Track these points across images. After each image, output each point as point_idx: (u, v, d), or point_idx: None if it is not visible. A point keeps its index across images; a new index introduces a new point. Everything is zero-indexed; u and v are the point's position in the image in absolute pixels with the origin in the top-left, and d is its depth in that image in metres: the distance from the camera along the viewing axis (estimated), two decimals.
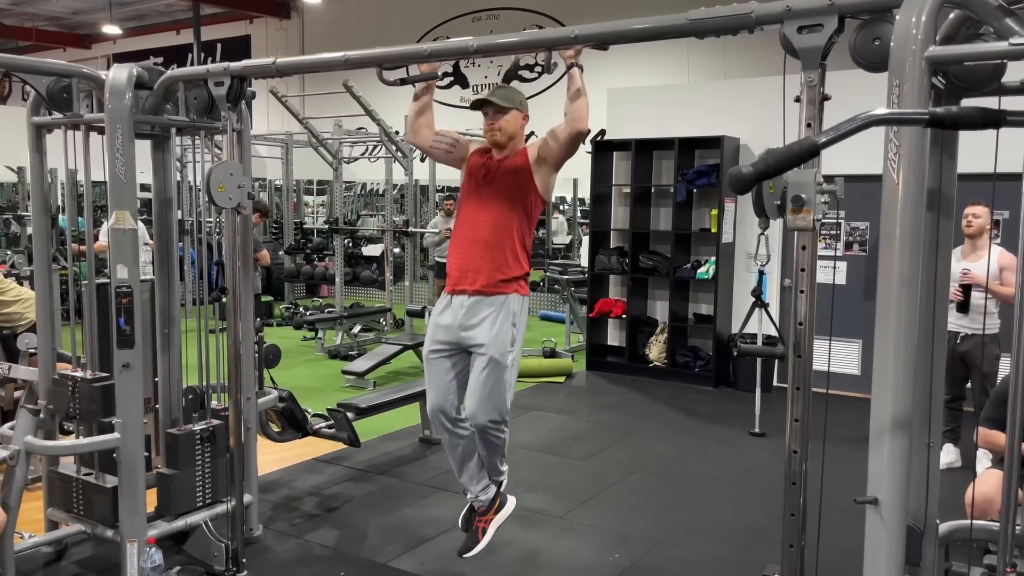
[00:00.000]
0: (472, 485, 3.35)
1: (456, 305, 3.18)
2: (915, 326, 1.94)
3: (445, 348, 3.22)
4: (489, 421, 3.15)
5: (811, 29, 2.17)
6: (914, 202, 1.90)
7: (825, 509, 2.43)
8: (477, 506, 3.37)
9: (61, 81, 3.48)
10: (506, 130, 3.20)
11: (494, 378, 3.11)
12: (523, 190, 3.17)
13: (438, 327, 3.23)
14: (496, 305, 3.12)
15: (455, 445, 3.29)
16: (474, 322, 3.13)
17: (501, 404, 3.16)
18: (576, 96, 2.99)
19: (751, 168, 1.65)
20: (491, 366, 3.10)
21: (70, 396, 3.51)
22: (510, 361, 3.15)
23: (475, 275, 3.13)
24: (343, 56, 3.04)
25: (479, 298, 3.13)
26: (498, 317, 3.12)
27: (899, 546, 1.96)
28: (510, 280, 3.14)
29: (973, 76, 2.23)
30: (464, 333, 3.15)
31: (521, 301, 3.20)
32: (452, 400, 3.25)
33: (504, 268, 3.13)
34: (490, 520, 3.37)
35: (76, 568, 3.67)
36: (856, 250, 6.94)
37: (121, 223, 3.28)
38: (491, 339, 3.10)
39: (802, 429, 2.34)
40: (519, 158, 3.19)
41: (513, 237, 3.15)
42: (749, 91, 7.21)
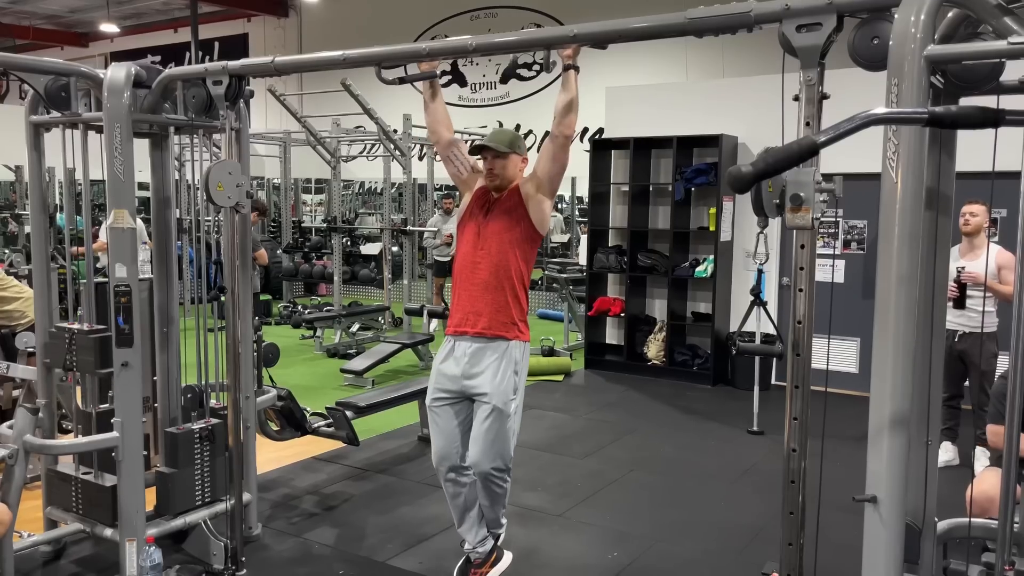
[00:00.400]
0: (470, 536, 3.39)
1: (459, 353, 3.24)
2: (914, 325, 1.94)
3: (449, 396, 3.28)
4: (492, 469, 3.21)
5: (810, 28, 2.18)
6: (913, 201, 1.90)
7: (824, 507, 2.44)
8: (474, 558, 3.42)
9: (59, 80, 3.48)
10: (505, 176, 3.26)
11: (497, 427, 3.18)
12: (519, 228, 3.22)
13: (441, 375, 3.29)
14: (499, 353, 3.19)
15: (458, 494, 3.35)
16: (477, 371, 3.19)
17: (505, 452, 3.22)
18: (568, 107, 3.05)
19: (750, 167, 1.65)
20: (494, 415, 3.17)
21: (67, 348, 3.49)
22: (513, 409, 3.21)
23: (476, 317, 3.20)
24: (342, 55, 3.04)
25: (482, 344, 3.20)
26: (500, 365, 3.18)
27: (898, 544, 1.96)
28: (511, 323, 3.21)
29: (971, 75, 2.23)
30: (467, 382, 3.22)
31: (522, 348, 3.27)
32: (457, 447, 3.30)
33: (505, 310, 3.20)
34: (486, 573, 3.43)
35: (75, 567, 3.67)
36: (854, 248, 6.95)
37: (120, 222, 3.28)
38: (494, 388, 3.17)
39: (801, 427, 2.35)
40: (512, 196, 3.25)
41: (512, 278, 3.21)
42: (747, 90, 7.22)
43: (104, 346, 3.39)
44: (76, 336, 3.47)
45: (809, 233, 2.27)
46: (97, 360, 3.41)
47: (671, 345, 7.61)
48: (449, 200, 10.27)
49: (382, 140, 9.37)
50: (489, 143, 3.24)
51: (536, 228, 3.24)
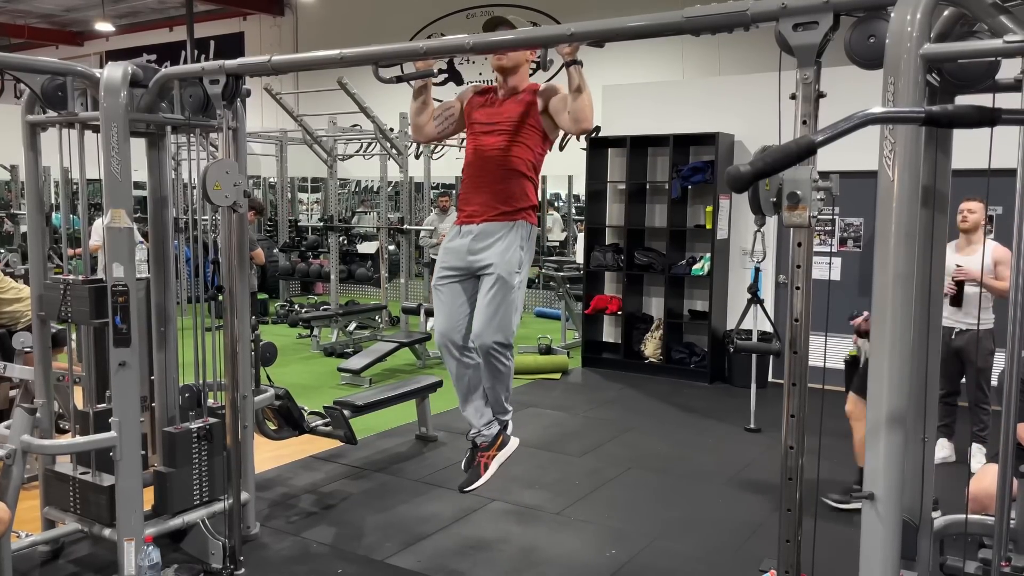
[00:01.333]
0: (476, 419, 3.31)
1: (465, 231, 3.19)
2: (910, 322, 1.95)
3: (454, 273, 3.23)
4: (494, 342, 3.12)
5: (806, 27, 2.18)
6: (909, 199, 1.90)
7: (821, 504, 2.44)
8: (480, 441, 3.32)
9: (55, 79, 3.47)
10: (513, 57, 3.18)
11: (501, 296, 3.11)
12: (529, 125, 3.15)
13: (447, 252, 3.24)
14: (505, 228, 3.14)
15: (462, 375, 3.27)
16: (483, 245, 3.14)
17: (506, 325, 3.14)
18: (577, 95, 2.98)
19: (749, 167, 1.65)
20: (498, 284, 3.11)
21: (61, 300, 3.48)
22: (517, 282, 3.15)
23: (484, 208, 3.16)
24: (339, 54, 3.03)
25: (488, 224, 3.15)
26: (506, 239, 3.13)
27: (895, 541, 1.97)
28: (519, 210, 3.16)
29: (967, 73, 2.23)
30: (472, 257, 3.16)
31: (529, 228, 3.21)
32: (461, 327, 3.23)
33: (512, 200, 3.15)
34: (492, 456, 3.32)
35: (73, 567, 3.67)
36: (851, 246, 6.96)
37: (117, 221, 3.28)
38: (499, 259, 3.11)
39: (798, 425, 2.36)
40: (526, 95, 3.17)
41: (520, 170, 3.15)
42: (744, 88, 7.23)
43: (99, 295, 3.34)
44: (71, 287, 3.44)
45: (806, 231, 2.27)
46: (92, 310, 3.38)
47: (668, 343, 7.62)
48: (446, 198, 10.26)
49: (378, 139, 9.37)
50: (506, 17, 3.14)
51: (546, 130, 3.19)
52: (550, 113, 3.15)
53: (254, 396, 3.97)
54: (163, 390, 3.82)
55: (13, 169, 11.31)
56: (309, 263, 11.40)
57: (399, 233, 9.68)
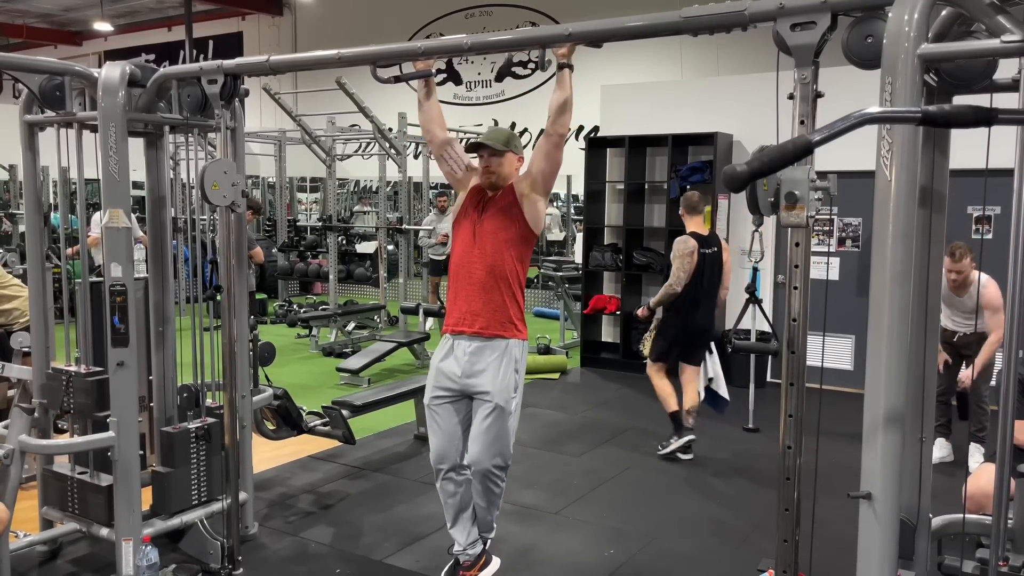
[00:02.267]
0: (462, 537, 3.40)
1: (459, 352, 3.24)
2: (908, 322, 1.95)
3: (449, 395, 3.28)
4: (493, 466, 3.23)
5: (804, 27, 2.18)
6: (907, 199, 1.91)
7: (819, 504, 2.45)
8: (463, 560, 3.41)
9: (54, 79, 3.47)
10: (501, 174, 3.27)
11: (499, 425, 3.19)
12: (514, 227, 3.23)
13: (441, 374, 3.29)
14: (499, 351, 3.20)
15: (455, 494, 3.35)
16: (478, 369, 3.20)
17: (505, 449, 3.24)
18: (562, 106, 3.05)
19: (746, 167, 1.66)
20: (496, 413, 3.18)
21: (64, 391, 3.50)
22: (514, 407, 3.23)
23: (474, 317, 3.21)
24: (337, 54, 3.04)
25: (481, 343, 3.21)
26: (501, 364, 3.19)
27: (892, 540, 1.97)
28: (508, 322, 3.22)
29: (965, 73, 2.24)
30: (468, 380, 3.23)
31: (521, 347, 3.28)
32: (457, 446, 3.31)
33: (502, 309, 3.21)
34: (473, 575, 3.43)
35: (71, 567, 3.67)
36: (849, 246, 6.97)
37: (115, 221, 3.28)
38: (496, 386, 3.18)
39: (796, 425, 2.36)
40: (507, 195, 3.26)
41: (508, 277, 3.22)
42: (742, 88, 7.23)
43: (102, 389, 3.39)
44: (73, 379, 3.47)
45: (804, 231, 2.28)
46: (95, 404, 3.42)
47: None
48: (444, 198, 10.27)
49: (377, 139, 9.37)
50: (486, 141, 3.26)
51: (531, 227, 3.26)
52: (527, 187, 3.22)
53: (252, 396, 3.98)
54: (161, 390, 3.82)
55: (11, 169, 11.30)
56: (308, 263, 11.40)
57: (398, 233, 9.68)
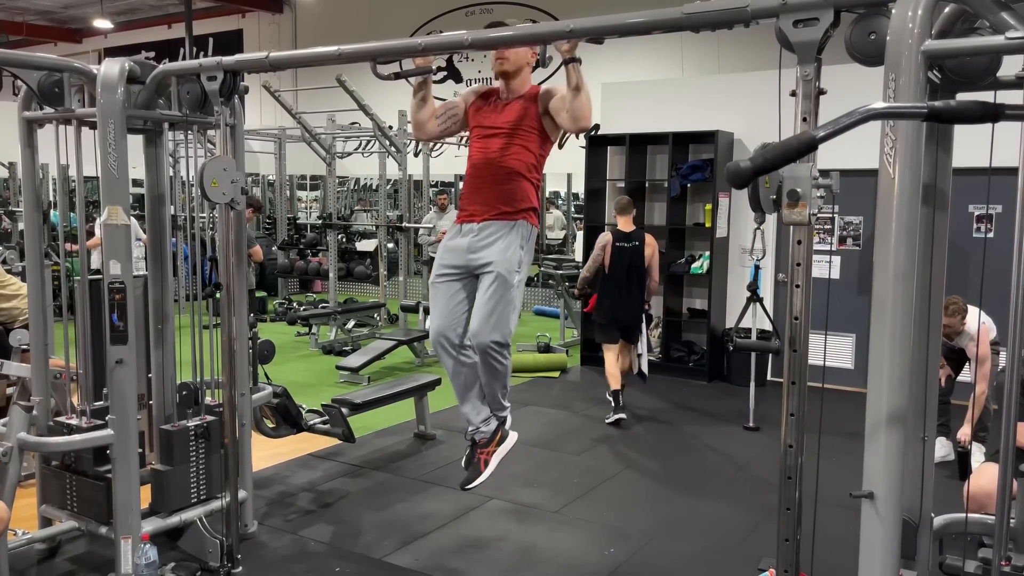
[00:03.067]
0: (474, 416, 3.30)
1: (466, 230, 3.18)
2: (910, 321, 1.94)
3: (453, 272, 3.20)
4: (491, 341, 3.10)
5: (807, 23, 2.17)
6: (910, 197, 1.89)
7: (820, 503, 2.44)
8: (479, 438, 3.31)
9: (52, 76, 3.45)
10: (514, 60, 3.16)
11: (499, 295, 3.09)
12: (530, 127, 3.15)
13: (447, 250, 3.22)
14: (506, 228, 3.13)
15: (458, 373, 3.25)
16: (484, 243, 3.13)
17: (504, 324, 3.12)
18: (576, 94, 2.98)
19: (749, 163, 1.64)
20: (497, 282, 3.09)
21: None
22: (516, 281, 3.13)
23: (485, 207, 3.14)
24: (337, 50, 3.02)
25: (490, 222, 3.14)
26: (507, 237, 3.12)
27: (895, 540, 1.96)
28: (520, 211, 3.15)
29: (968, 70, 2.22)
30: (472, 255, 3.14)
31: (530, 229, 3.19)
32: (457, 325, 3.21)
33: (513, 201, 3.13)
34: (492, 452, 3.30)
35: (70, 565, 3.66)
36: (850, 244, 6.96)
37: (114, 218, 3.26)
38: (499, 256, 3.10)
39: (798, 423, 2.35)
40: (528, 98, 3.16)
41: (521, 172, 3.14)
42: (743, 85, 7.21)
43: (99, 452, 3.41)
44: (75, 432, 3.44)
45: (806, 229, 2.26)
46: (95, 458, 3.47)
47: (667, 341, 7.61)
48: (444, 196, 10.25)
49: (377, 136, 9.34)
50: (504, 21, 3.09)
51: (548, 135, 3.18)
52: (550, 113, 3.14)
53: (252, 394, 3.97)
54: (160, 388, 3.81)
55: (11, 166, 11.28)
56: (308, 261, 11.37)
57: (398, 231, 9.66)
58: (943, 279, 2.41)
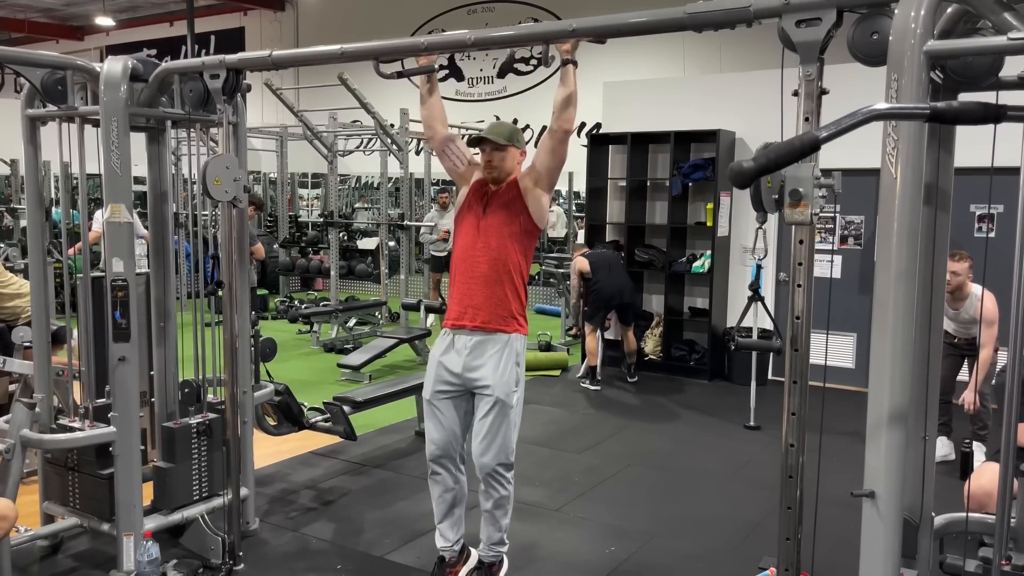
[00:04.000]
0: (451, 534, 3.40)
1: (460, 346, 3.22)
2: (912, 320, 1.95)
3: (450, 389, 3.26)
4: (497, 464, 3.21)
5: (809, 23, 2.17)
6: (912, 197, 1.90)
7: (821, 502, 2.44)
8: (448, 556, 3.41)
9: (56, 73, 3.46)
10: (503, 168, 3.25)
11: (501, 419, 3.17)
12: (518, 222, 3.21)
13: (442, 368, 3.26)
14: (500, 344, 3.18)
15: (450, 489, 3.34)
16: (479, 363, 3.18)
17: (507, 446, 3.22)
18: (567, 101, 3.04)
19: (752, 163, 1.64)
20: (498, 407, 3.16)
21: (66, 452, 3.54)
22: (515, 401, 3.20)
23: (475, 311, 3.19)
24: (339, 49, 3.03)
25: (482, 336, 3.18)
26: (502, 357, 3.17)
27: (895, 539, 1.97)
28: (510, 317, 3.20)
29: (971, 70, 2.22)
30: (469, 374, 3.20)
31: (523, 341, 3.27)
32: (457, 442, 3.30)
33: (504, 304, 3.18)
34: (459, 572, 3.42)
35: (72, 561, 3.67)
36: (851, 244, 6.96)
37: (116, 216, 3.27)
38: (496, 380, 3.15)
39: (799, 422, 2.35)
40: (511, 189, 3.23)
41: (511, 272, 3.20)
42: (745, 85, 7.21)
43: (102, 451, 3.40)
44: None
45: (807, 228, 2.27)
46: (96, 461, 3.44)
47: (668, 340, 7.61)
48: (445, 195, 10.26)
49: (379, 135, 9.35)
50: (488, 135, 3.24)
51: (535, 222, 3.24)
52: (531, 182, 3.21)
53: (254, 392, 3.97)
54: (163, 385, 3.82)
55: (13, 163, 11.29)
56: (309, 259, 11.39)
57: (399, 229, 9.67)
58: (944, 279, 2.41)
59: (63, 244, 5.65)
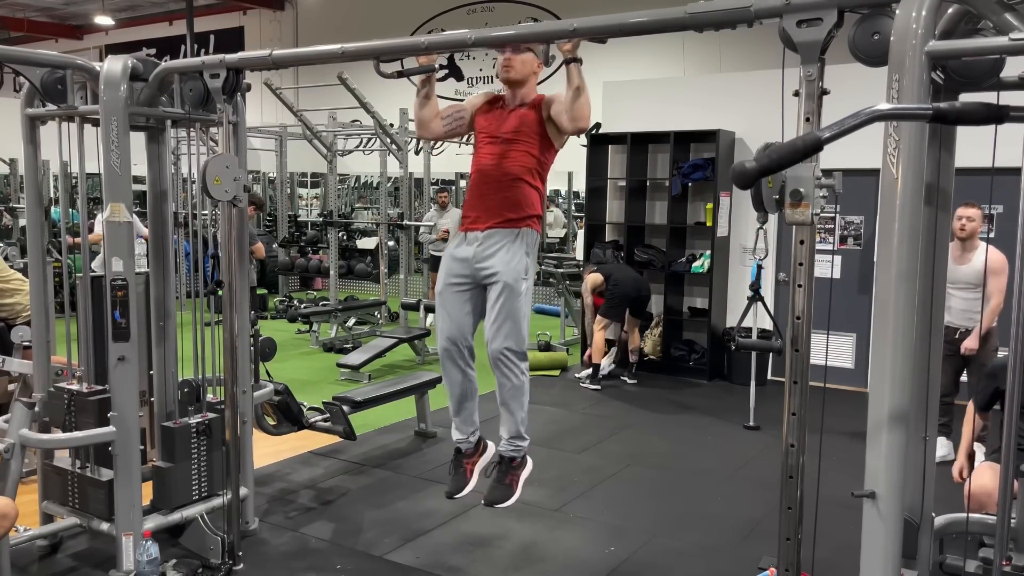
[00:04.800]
0: (465, 428, 3.33)
1: (471, 239, 3.17)
2: (913, 321, 1.95)
3: (460, 282, 3.20)
4: (505, 348, 3.12)
5: (810, 23, 2.17)
6: (913, 197, 1.90)
7: (821, 502, 2.44)
8: (464, 448, 3.35)
9: (55, 72, 3.46)
10: (520, 69, 3.16)
11: (509, 304, 3.10)
12: (536, 134, 3.14)
13: (453, 260, 3.21)
14: (511, 236, 3.12)
15: (460, 383, 3.27)
16: (489, 252, 3.12)
17: (517, 332, 3.13)
18: (576, 95, 2.99)
19: (754, 163, 1.64)
20: (506, 291, 3.09)
21: (66, 409, 3.52)
22: (524, 289, 3.13)
23: (489, 215, 3.13)
24: (340, 48, 3.02)
25: (494, 231, 3.13)
26: (512, 246, 3.11)
27: (896, 539, 1.97)
28: (525, 217, 3.14)
29: (972, 71, 2.23)
30: (479, 264, 3.14)
31: (535, 236, 3.20)
32: (466, 333, 3.23)
33: (518, 208, 3.13)
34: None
35: (71, 561, 3.66)
36: (851, 244, 6.96)
37: (116, 215, 3.27)
38: (505, 266, 3.10)
39: (799, 423, 2.35)
40: (533, 105, 3.16)
41: (526, 178, 3.14)
42: (745, 85, 7.21)
43: (103, 409, 3.39)
44: (76, 397, 3.48)
45: (808, 229, 2.27)
46: (96, 422, 3.42)
47: (668, 340, 7.61)
48: (445, 194, 10.25)
49: (378, 134, 9.34)
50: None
51: (553, 143, 3.18)
52: (553, 119, 3.14)
53: (253, 391, 3.97)
54: (162, 385, 3.81)
55: (12, 163, 11.29)
56: (308, 258, 11.38)
57: (399, 229, 9.66)
58: (945, 279, 2.41)
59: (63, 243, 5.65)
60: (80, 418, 3.48)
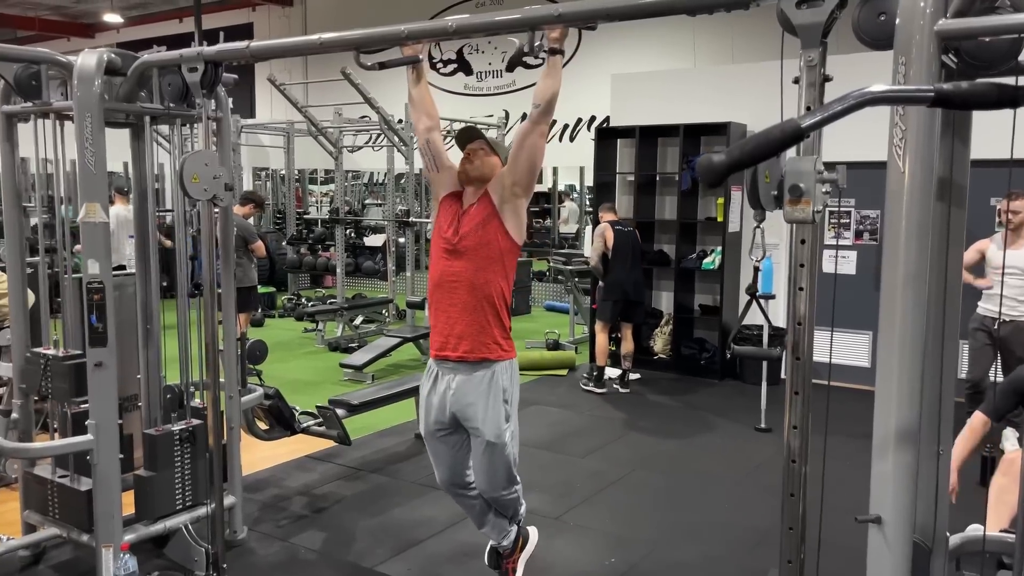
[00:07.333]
0: (496, 536, 3.37)
1: (443, 387, 3.10)
2: (922, 327, 1.77)
3: (442, 428, 3.17)
4: (502, 492, 3.20)
5: (811, 4, 2.00)
6: (921, 192, 1.72)
7: (830, 511, 2.27)
8: (502, 550, 3.39)
9: (30, 68, 3.34)
10: (481, 170, 3.09)
11: (495, 458, 3.11)
12: (495, 244, 3.03)
13: (431, 407, 3.16)
14: (485, 381, 3.04)
15: (472, 506, 3.33)
16: (466, 402, 3.06)
17: (507, 475, 3.17)
18: (553, 95, 2.87)
19: (723, 156, 1.46)
20: (489, 449, 3.08)
21: (42, 375, 3.41)
22: (508, 437, 3.10)
23: (458, 341, 3.05)
24: (318, 39, 2.88)
25: (466, 372, 3.04)
26: (488, 397, 3.04)
27: (904, 567, 1.80)
28: (493, 343, 3.05)
29: (987, 53, 2.03)
30: (458, 413, 3.10)
31: (510, 369, 3.11)
32: (462, 473, 3.25)
33: (487, 330, 3.04)
34: (517, 559, 3.42)
35: (53, 572, 3.56)
36: (867, 239, 6.75)
37: (91, 216, 3.14)
38: (484, 422, 3.05)
39: (801, 436, 2.18)
40: (484, 206, 3.05)
41: (492, 296, 3.04)
42: (757, 76, 6.98)
43: (79, 373, 3.27)
44: (51, 362, 3.37)
45: (810, 227, 2.10)
46: (72, 388, 3.32)
47: (678, 339, 7.43)
48: None
49: (383, 130, 9.21)
50: (484, 135, 3.16)
51: (514, 239, 3.06)
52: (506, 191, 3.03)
53: (241, 396, 3.84)
54: (147, 390, 3.69)
55: None
56: (317, 256, 11.28)
57: (405, 226, 9.52)
58: (960, 282, 2.23)
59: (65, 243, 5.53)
60: (56, 383, 3.38)
